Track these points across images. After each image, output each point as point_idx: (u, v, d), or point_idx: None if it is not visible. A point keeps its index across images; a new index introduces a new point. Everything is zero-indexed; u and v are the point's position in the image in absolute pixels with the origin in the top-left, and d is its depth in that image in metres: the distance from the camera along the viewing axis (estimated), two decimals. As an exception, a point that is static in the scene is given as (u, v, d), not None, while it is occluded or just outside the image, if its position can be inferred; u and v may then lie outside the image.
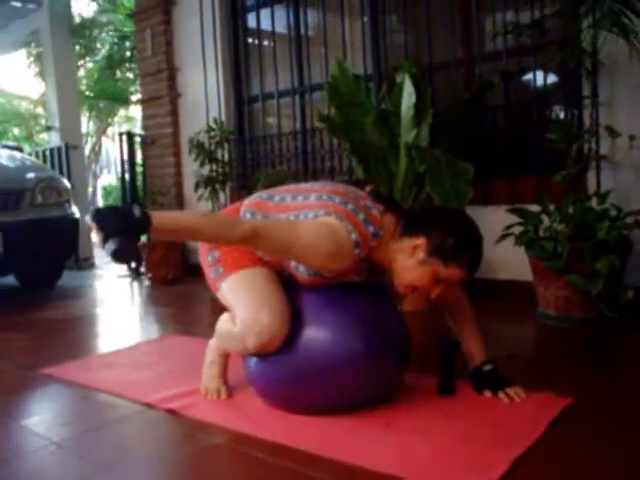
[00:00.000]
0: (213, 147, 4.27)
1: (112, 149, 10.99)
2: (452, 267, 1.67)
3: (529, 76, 3.39)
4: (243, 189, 4.62)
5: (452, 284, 1.78)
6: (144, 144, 5.37)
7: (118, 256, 1.40)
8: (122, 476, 1.49)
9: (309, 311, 1.78)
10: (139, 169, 5.52)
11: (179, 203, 5.10)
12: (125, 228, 1.41)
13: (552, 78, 3.33)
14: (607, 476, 1.38)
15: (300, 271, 1.75)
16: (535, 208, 2.84)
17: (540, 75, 3.33)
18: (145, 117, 5.32)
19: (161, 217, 1.47)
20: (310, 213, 1.68)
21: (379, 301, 1.89)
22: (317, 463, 1.49)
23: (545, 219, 2.76)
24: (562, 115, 3.27)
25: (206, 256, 1.90)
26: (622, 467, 1.42)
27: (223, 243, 1.73)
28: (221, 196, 4.40)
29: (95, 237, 1.43)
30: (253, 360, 1.84)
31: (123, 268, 5.52)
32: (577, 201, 2.73)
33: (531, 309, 2.89)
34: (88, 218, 1.44)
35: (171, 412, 1.89)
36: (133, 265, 5.23)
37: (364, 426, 1.70)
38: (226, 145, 4.41)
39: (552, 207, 2.78)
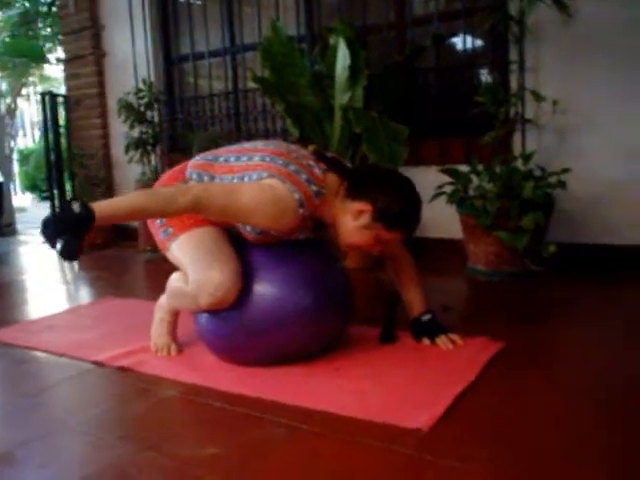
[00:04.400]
0: (143, 108, 4.18)
1: (27, 111, 10.46)
2: (395, 231, 1.77)
3: (459, 40, 3.50)
4: (174, 151, 4.57)
5: (394, 242, 1.88)
6: (67, 105, 5.17)
7: (65, 255, 1.46)
8: (80, 432, 1.51)
9: (258, 267, 1.83)
10: (62, 131, 5.31)
11: (107, 165, 4.97)
12: (67, 227, 1.46)
13: (481, 43, 3.46)
14: (537, 408, 1.53)
15: (247, 230, 1.80)
16: (464, 169, 2.98)
17: (469, 39, 3.45)
18: (68, 77, 5.11)
19: (102, 207, 1.52)
20: (254, 175, 1.72)
21: (324, 257, 1.97)
22: (276, 409, 1.56)
23: (474, 179, 2.91)
24: (490, 79, 3.41)
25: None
26: (549, 401, 1.57)
27: (170, 216, 1.75)
28: (152, 158, 4.33)
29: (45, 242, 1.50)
30: (204, 316, 1.88)
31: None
32: (504, 162, 2.89)
33: (462, 265, 3.05)
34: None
35: (122, 369, 1.91)
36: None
37: (315, 373, 1.79)
38: (156, 106, 4.32)
39: (480, 167, 2.93)
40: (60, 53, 7.49)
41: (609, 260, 2.95)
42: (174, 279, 1.91)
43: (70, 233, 1.46)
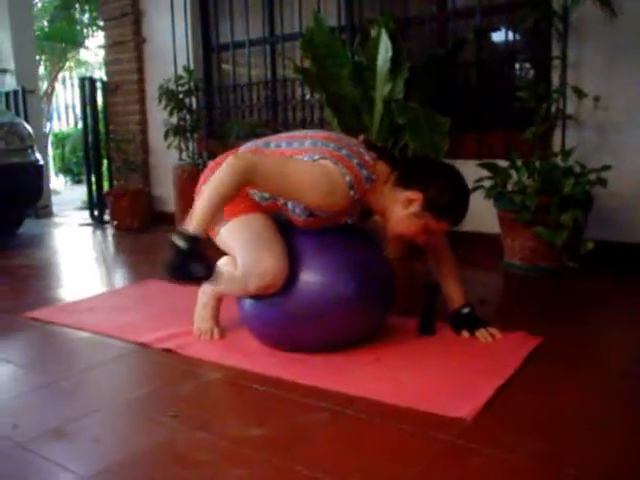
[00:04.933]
0: (182, 95, 4.23)
1: (62, 94, 10.61)
2: (443, 221, 1.79)
3: (501, 34, 3.48)
4: (211, 138, 4.62)
5: (438, 233, 1.91)
6: (106, 90, 5.25)
7: (208, 279, 1.67)
8: (130, 410, 1.57)
9: (303, 255, 1.86)
10: (99, 116, 5.41)
11: (144, 151, 5.05)
12: (187, 264, 1.60)
13: (522, 37, 3.43)
14: (576, 402, 1.54)
15: (296, 213, 1.83)
16: (502, 163, 2.98)
17: (511, 34, 3.43)
18: (108, 62, 5.20)
19: (196, 223, 1.61)
20: (306, 157, 1.75)
21: (367, 246, 2.00)
22: (319, 394, 1.61)
23: (513, 174, 2.90)
24: (531, 74, 3.39)
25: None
26: (585, 400, 1.58)
27: (240, 186, 1.67)
28: (190, 144, 4.39)
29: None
30: (248, 302, 1.93)
31: (85, 216, 5.47)
32: (544, 157, 2.88)
33: (497, 259, 3.05)
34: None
35: (167, 351, 1.97)
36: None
37: (356, 361, 1.83)
38: (195, 94, 4.37)
39: (519, 163, 2.92)
40: (97, 39, 7.60)
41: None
42: (222, 263, 1.95)
43: (192, 265, 1.61)
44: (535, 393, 1.60)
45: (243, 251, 1.81)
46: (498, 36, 3.51)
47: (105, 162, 5.31)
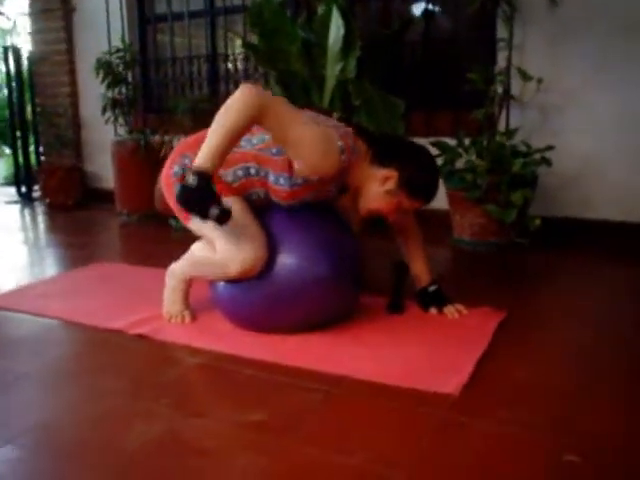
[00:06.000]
0: (121, 69, 4.08)
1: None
2: (415, 199, 1.85)
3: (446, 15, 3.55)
4: (149, 112, 4.49)
5: (408, 211, 1.97)
6: (31, 60, 4.98)
7: (223, 221, 1.59)
8: (121, 399, 1.54)
9: (277, 237, 1.87)
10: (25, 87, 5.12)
11: (76, 125, 4.84)
12: (202, 199, 1.56)
13: (469, 19, 3.52)
14: (552, 368, 1.65)
15: (280, 183, 1.81)
16: (449, 141, 3.08)
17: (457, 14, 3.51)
18: (34, 31, 4.91)
19: (205, 157, 1.56)
20: None
21: (339, 226, 2.03)
22: (304, 375, 1.64)
23: (462, 153, 3.00)
24: (477, 55, 3.49)
25: (173, 188, 1.92)
26: (556, 361, 1.70)
27: (251, 122, 1.61)
28: (127, 119, 4.25)
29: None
30: (221, 284, 1.93)
31: (11, 193, 5.21)
32: (490, 137, 3.00)
33: (445, 235, 3.17)
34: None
35: (141, 337, 1.94)
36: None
37: (334, 340, 1.87)
38: (132, 67, 4.22)
39: (467, 142, 3.03)
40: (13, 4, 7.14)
41: (586, 234, 3.12)
42: (198, 248, 1.93)
43: (207, 200, 1.56)
44: (510, 364, 1.70)
45: (223, 237, 1.80)
46: (443, 16, 3.58)
47: (32, 136, 5.06)
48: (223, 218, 1.58)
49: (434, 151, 3.04)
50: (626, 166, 3.06)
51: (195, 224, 1.89)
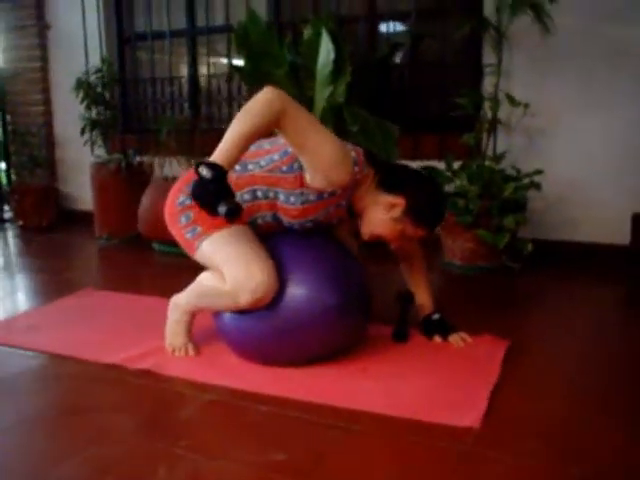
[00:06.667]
0: (100, 89, 4.00)
1: None
2: (420, 227, 1.85)
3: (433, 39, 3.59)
4: (128, 133, 4.41)
5: (413, 239, 1.97)
6: (2, 78, 4.85)
7: (234, 216, 1.53)
8: (137, 440, 1.49)
9: (284, 267, 1.84)
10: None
11: (49, 143, 4.72)
12: (215, 194, 1.52)
13: (455, 43, 3.57)
14: (556, 398, 1.66)
15: (290, 202, 1.80)
16: (437, 164, 3.10)
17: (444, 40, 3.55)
18: (7, 48, 4.78)
19: (222, 154, 1.54)
20: None
21: (344, 255, 2.01)
22: (320, 411, 1.61)
23: (453, 178, 3.03)
24: (463, 80, 3.54)
25: (178, 218, 1.88)
26: (570, 392, 1.71)
27: (271, 124, 1.59)
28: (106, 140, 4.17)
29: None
30: (228, 316, 1.89)
31: None
32: (480, 162, 3.03)
33: (435, 259, 3.18)
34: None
35: (145, 372, 1.87)
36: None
37: (344, 373, 1.84)
38: (111, 87, 4.15)
39: (455, 166, 3.06)
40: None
41: (572, 255, 3.18)
42: (205, 278, 1.89)
43: (221, 194, 1.52)
44: (519, 395, 1.70)
45: (232, 266, 1.76)
46: (430, 41, 3.61)
47: (2, 155, 4.92)
48: (234, 214, 1.53)
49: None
50: (612, 188, 3.12)
51: (200, 253, 1.84)
